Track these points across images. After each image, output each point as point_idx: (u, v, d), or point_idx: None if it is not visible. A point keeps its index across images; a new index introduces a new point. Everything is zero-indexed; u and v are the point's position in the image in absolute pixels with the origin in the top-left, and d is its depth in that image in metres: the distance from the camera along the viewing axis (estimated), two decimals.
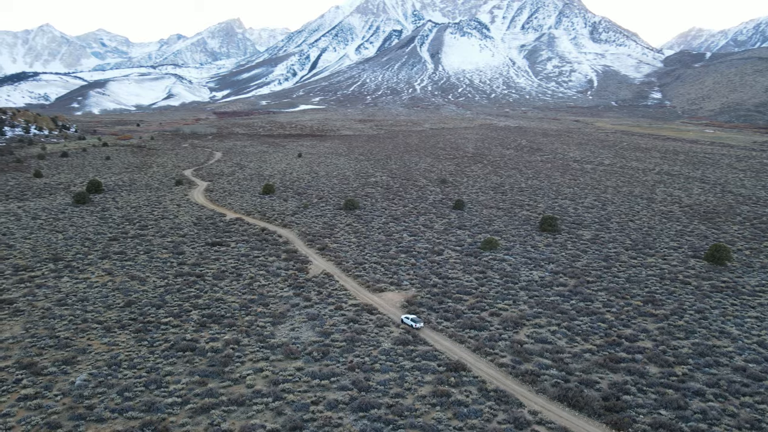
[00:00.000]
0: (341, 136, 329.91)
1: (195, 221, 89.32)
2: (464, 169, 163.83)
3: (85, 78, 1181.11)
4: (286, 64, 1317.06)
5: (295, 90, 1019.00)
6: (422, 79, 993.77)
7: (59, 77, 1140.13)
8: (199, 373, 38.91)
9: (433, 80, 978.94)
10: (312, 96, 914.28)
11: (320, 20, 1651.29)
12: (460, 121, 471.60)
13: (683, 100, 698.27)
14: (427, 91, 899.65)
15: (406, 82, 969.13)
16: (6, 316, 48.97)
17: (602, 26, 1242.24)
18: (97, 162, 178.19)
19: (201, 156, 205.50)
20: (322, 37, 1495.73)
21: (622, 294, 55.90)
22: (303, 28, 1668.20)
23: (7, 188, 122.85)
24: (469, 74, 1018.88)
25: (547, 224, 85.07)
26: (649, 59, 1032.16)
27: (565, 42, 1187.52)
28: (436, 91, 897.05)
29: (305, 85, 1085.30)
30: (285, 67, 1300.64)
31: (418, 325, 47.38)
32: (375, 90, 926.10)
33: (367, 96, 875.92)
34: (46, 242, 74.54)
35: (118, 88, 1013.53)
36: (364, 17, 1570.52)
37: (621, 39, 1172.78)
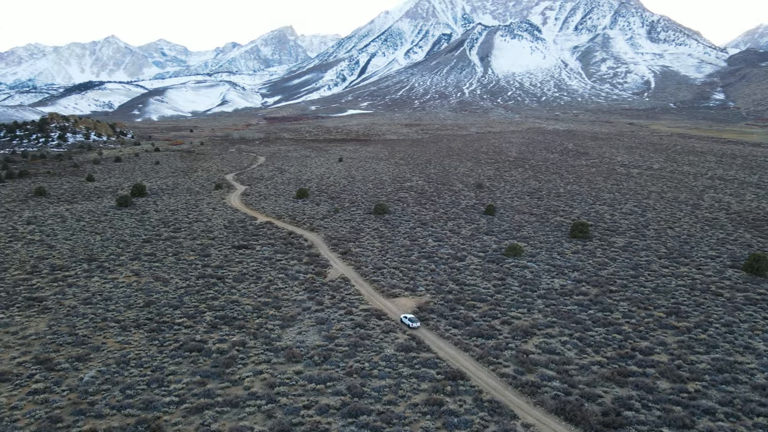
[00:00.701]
0: (385, 141, 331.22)
1: (226, 224, 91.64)
2: (503, 174, 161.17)
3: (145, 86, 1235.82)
4: (336, 70, 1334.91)
5: (343, 95, 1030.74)
6: (471, 82, 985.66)
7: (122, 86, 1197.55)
8: (201, 374, 39.85)
9: (482, 84, 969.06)
10: (360, 101, 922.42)
11: (370, 26, 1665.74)
12: (508, 124, 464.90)
13: (748, 101, 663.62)
14: (476, 94, 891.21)
15: (454, 86, 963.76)
16: (35, 313, 51.69)
17: (661, 25, 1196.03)
18: (146, 166, 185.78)
19: (245, 160, 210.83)
20: (372, 43, 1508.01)
21: (645, 305, 53.47)
22: (353, 33, 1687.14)
23: (60, 191, 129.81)
24: (519, 77, 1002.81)
25: (578, 231, 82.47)
26: (712, 59, 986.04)
27: (620, 42, 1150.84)
28: (485, 94, 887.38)
29: (354, 90, 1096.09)
30: (335, 72, 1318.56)
31: (415, 325, 47.99)
32: (423, 94, 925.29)
33: (414, 100, 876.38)
34: (85, 243, 78.25)
35: (176, 95, 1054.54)
36: (414, 22, 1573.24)
37: (681, 38, 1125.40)
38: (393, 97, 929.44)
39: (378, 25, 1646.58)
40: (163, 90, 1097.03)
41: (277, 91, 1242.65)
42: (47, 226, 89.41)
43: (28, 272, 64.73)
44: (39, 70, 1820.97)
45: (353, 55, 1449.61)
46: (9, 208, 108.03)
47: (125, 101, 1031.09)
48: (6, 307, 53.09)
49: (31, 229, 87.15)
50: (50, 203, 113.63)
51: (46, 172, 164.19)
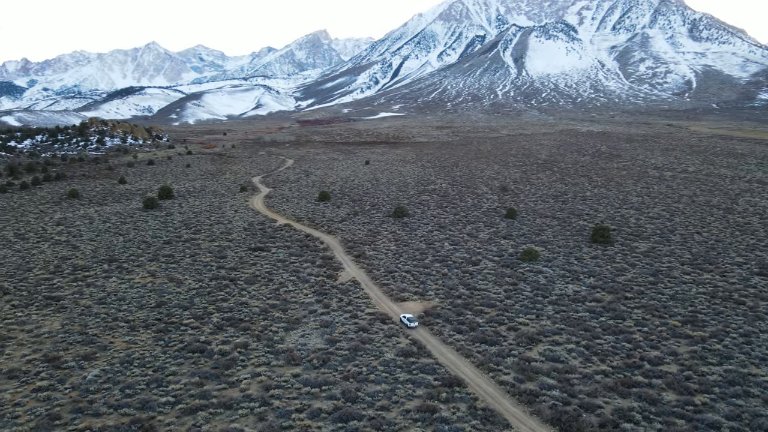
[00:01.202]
0: (414, 143, 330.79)
1: (246, 226, 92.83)
2: (530, 177, 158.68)
3: (183, 91, 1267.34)
4: (369, 73, 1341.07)
5: (376, 98, 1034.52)
6: (504, 84, 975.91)
7: (161, 90, 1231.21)
8: (200, 375, 40.30)
9: (516, 85, 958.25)
10: (392, 103, 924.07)
11: (403, 28, 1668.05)
12: (541, 126, 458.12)
13: None
14: (509, 96, 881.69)
15: (487, 88, 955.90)
16: (51, 312, 53.33)
17: (703, 23, 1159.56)
18: (177, 169, 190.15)
19: (273, 163, 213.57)
20: (405, 45, 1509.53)
21: (661, 312, 51.61)
22: (386, 36, 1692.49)
23: (93, 193, 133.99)
24: (554, 78, 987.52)
25: (599, 235, 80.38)
26: (758, 57, 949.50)
27: (660, 41, 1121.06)
28: (519, 96, 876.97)
29: (386, 92, 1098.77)
30: (367, 75, 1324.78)
31: (413, 325, 48.56)
32: (456, 96, 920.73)
33: (447, 103, 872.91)
34: (108, 244, 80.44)
35: (212, 99, 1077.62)
36: (447, 24, 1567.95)
37: (725, 36, 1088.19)
38: (425, 99, 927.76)
39: (411, 28, 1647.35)
40: (200, 94, 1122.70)
41: (311, 95, 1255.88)
42: (75, 227, 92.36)
43: (51, 272, 66.91)
44: (84, 76, 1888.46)
45: (386, 58, 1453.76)
46: (43, 209, 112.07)
47: (164, 105, 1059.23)
48: (25, 306, 54.96)
49: (59, 230, 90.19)
50: (81, 205, 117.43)
51: (82, 174, 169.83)
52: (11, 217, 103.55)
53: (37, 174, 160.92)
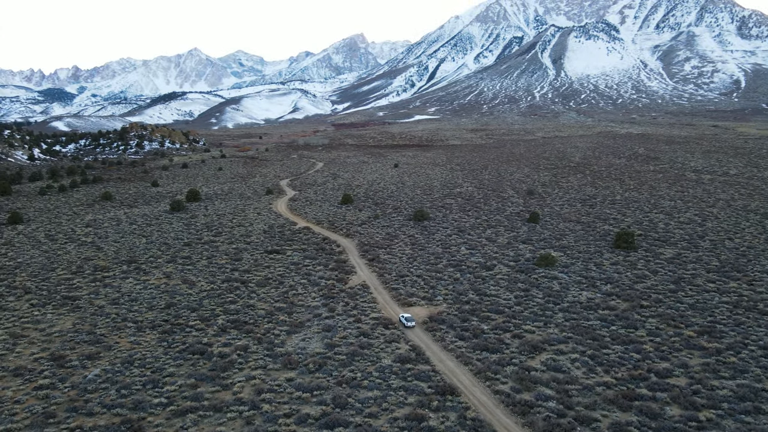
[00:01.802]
0: (447, 146, 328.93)
1: (266, 229, 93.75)
2: (560, 180, 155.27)
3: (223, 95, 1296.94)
4: (405, 76, 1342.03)
5: (412, 101, 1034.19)
6: (542, 86, 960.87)
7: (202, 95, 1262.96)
8: (196, 377, 40.61)
9: (554, 87, 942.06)
10: (428, 106, 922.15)
11: (439, 31, 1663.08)
12: (578, 128, 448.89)
13: None
14: (547, 98, 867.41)
15: (525, 90, 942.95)
16: (66, 312, 54.87)
17: (753, 20, 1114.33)
18: (209, 172, 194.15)
19: (303, 166, 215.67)
20: (441, 48, 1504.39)
21: (677, 322, 49.34)
22: (422, 39, 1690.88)
23: (125, 196, 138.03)
24: (594, 79, 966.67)
25: (622, 240, 77.73)
26: None
27: (706, 40, 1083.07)
28: (557, 98, 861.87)
29: (422, 95, 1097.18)
30: (403, 78, 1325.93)
31: (409, 324, 49.03)
32: (492, 99, 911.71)
33: (483, 105, 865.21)
34: (130, 245, 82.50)
35: (251, 103, 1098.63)
36: (484, 26, 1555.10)
37: None
38: (461, 102, 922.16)
39: (448, 30, 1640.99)
40: (239, 99, 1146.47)
41: (347, 98, 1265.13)
42: (102, 229, 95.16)
43: (72, 272, 68.98)
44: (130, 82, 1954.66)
45: (422, 60, 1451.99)
46: (76, 211, 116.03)
47: (204, 110, 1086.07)
48: (43, 305, 56.74)
49: (87, 232, 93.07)
50: (113, 207, 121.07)
51: (118, 177, 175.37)
52: (45, 218, 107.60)
53: (75, 177, 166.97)
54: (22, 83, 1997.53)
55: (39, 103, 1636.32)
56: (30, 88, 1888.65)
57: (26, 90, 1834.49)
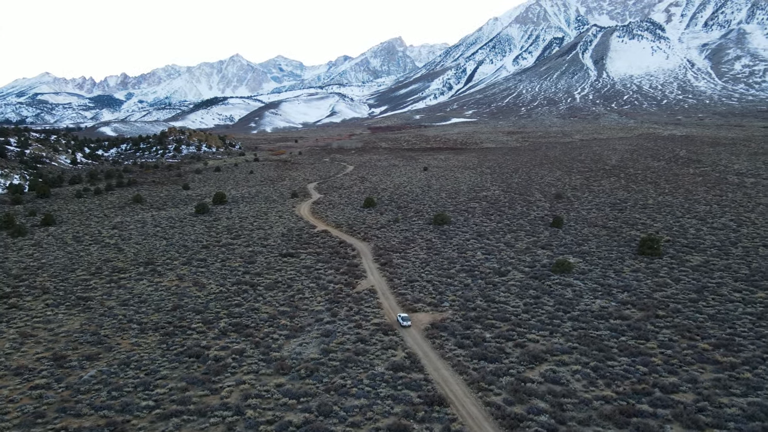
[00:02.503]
0: (481, 149, 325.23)
1: (285, 232, 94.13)
2: (591, 184, 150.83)
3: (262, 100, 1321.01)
4: (443, 79, 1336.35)
5: (449, 104, 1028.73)
6: (583, 87, 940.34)
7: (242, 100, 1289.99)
8: (188, 380, 40.66)
9: (595, 88, 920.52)
10: (465, 109, 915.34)
11: (478, 33, 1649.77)
12: (618, 130, 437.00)
13: None
14: (588, 99, 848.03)
15: (564, 92, 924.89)
16: (77, 312, 56.12)
17: None
18: (240, 176, 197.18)
19: (333, 170, 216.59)
20: (479, 50, 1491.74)
21: (692, 333, 46.64)
22: (460, 42, 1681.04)
23: (156, 199, 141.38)
24: (638, 80, 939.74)
25: (647, 246, 74.47)
26: None
27: (758, 37, 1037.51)
28: (598, 99, 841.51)
29: (460, 98, 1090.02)
30: (441, 81, 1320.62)
31: (405, 324, 49.40)
32: (531, 101, 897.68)
33: (521, 107, 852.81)
34: (150, 247, 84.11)
35: (289, 108, 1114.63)
36: (524, 27, 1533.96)
37: None
38: (499, 104, 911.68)
39: (486, 32, 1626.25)
40: (277, 103, 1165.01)
41: (384, 101, 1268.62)
42: (127, 231, 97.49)
43: (91, 273, 70.70)
44: (174, 88, 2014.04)
45: (460, 63, 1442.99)
46: (107, 213, 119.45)
47: (244, 114, 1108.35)
48: (57, 305, 58.23)
49: (112, 234, 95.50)
50: (142, 209, 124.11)
51: (152, 181, 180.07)
52: (77, 220, 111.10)
53: (111, 180, 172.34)
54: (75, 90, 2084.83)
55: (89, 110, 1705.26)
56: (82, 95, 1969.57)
57: (78, 97, 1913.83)
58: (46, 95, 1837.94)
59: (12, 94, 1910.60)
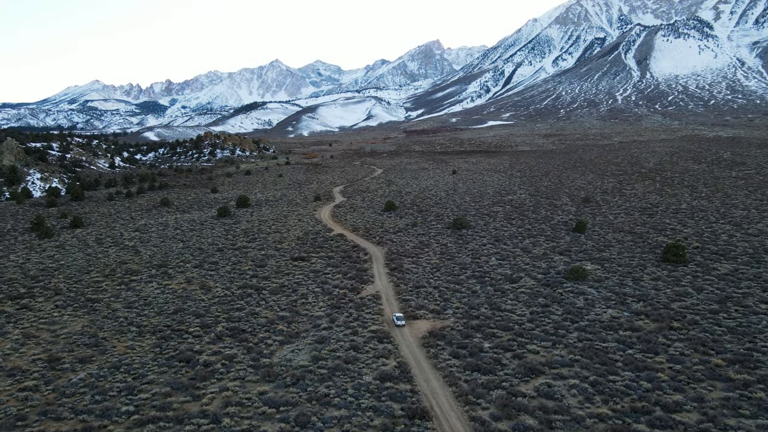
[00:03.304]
0: (514, 152, 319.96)
1: (300, 236, 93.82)
2: (624, 187, 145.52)
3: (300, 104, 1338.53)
4: (480, 81, 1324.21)
5: (486, 106, 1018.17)
6: (625, 88, 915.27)
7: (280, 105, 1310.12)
8: (173, 385, 40.23)
9: (638, 89, 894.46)
10: (502, 112, 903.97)
11: (516, 35, 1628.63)
12: (660, 132, 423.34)
13: None
14: (630, 101, 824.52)
15: (606, 93, 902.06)
16: (82, 314, 56.80)
17: None
18: (269, 179, 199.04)
19: (361, 173, 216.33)
20: (518, 52, 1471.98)
21: (707, 347, 43.52)
22: (498, 44, 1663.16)
23: (183, 202, 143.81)
24: (683, 80, 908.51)
25: (671, 253, 70.66)
26: None
27: None
28: (641, 100, 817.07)
29: (497, 101, 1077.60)
30: (478, 84, 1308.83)
31: (399, 323, 50.48)
32: (570, 103, 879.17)
33: (560, 109, 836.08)
34: (167, 250, 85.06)
35: (326, 112, 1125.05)
36: (564, 28, 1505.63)
37: None
38: (537, 106, 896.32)
39: (525, 34, 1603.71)
40: (315, 107, 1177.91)
41: (421, 105, 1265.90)
42: (148, 233, 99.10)
43: (105, 275, 71.80)
44: (216, 94, 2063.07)
45: (498, 65, 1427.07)
46: (133, 216, 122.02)
47: (282, 119, 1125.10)
48: (65, 307, 59.15)
49: (133, 236, 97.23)
50: (168, 212, 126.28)
51: (183, 184, 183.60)
52: (103, 223, 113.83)
53: (143, 183, 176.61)
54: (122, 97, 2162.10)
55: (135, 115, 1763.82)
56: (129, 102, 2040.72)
57: (125, 103, 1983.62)
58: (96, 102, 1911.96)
59: (64, 101, 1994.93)
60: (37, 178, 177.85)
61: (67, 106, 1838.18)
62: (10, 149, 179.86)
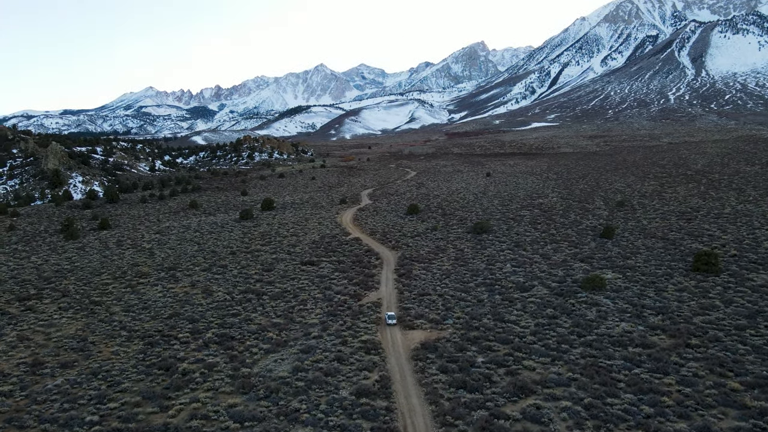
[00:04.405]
0: (555, 154, 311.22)
1: (316, 239, 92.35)
2: (665, 190, 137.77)
3: (344, 108, 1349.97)
4: (525, 82, 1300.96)
5: (531, 108, 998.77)
6: (678, 87, 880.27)
7: (324, 108, 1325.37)
8: (145, 394, 38.96)
9: (692, 88, 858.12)
10: (548, 113, 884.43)
11: (563, 34, 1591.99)
12: (714, 133, 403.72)
13: None
14: (683, 100, 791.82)
15: (657, 92, 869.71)
16: (81, 317, 56.76)
17: None
18: (301, 182, 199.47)
19: (394, 176, 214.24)
20: (565, 52, 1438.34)
21: (725, 369, 39.05)
22: (545, 44, 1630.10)
23: (212, 204, 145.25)
24: (742, 78, 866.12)
25: (702, 262, 65.21)
26: None
27: None
28: (695, 99, 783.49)
29: (542, 102, 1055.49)
30: (523, 85, 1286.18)
31: (390, 322, 50.76)
32: (619, 103, 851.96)
33: (608, 110, 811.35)
34: (180, 253, 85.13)
35: (369, 115, 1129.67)
36: (613, 26, 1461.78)
37: None
38: (584, 107, 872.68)
39: (572, 33, 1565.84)
40: (357, 111, 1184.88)
41: (464, 107, 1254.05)
42: (167, 236, 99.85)
43: (115, 277, 72.13)
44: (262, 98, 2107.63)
45: (544, 66, 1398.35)
46: (160, 218, 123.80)
47: (325, 122, 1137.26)
48: (66, 309, 59.36)
49: (153, 239, 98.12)
50: (194, 215, 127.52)
51: (216, 187, 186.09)
52: (130, 225, 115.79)
53: (178, 186, 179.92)
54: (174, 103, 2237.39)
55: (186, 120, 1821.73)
56: (180, 107, 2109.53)
57: (177, 109, 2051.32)
58: (149, 108, 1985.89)
59: (120, 107, 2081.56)
60: (79, 181, 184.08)
61: (123, 112, 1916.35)
62: (54, 153, 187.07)
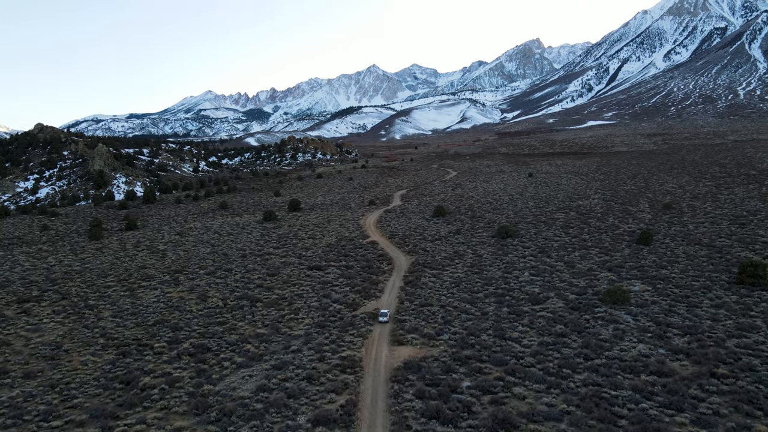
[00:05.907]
0: (608, 154, 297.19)
1: (333, 242, 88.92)
2: (720, 191, 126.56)
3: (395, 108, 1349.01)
4: (581, 80, 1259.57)
5: (587, 106, 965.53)
6: (749, 81, 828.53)
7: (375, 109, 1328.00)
8: (93, 412, 36.12)
9: (765, 82, 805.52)
10: (605, 111, 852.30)
11: (623, 29, 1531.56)
12: None
13: None
14: (754, 95, 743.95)
15: (725, 88, 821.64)
16: (72, 321, 55.30)
17: None
18: (337, 183, 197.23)
19: (433, 176, 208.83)
20: (624, 47, 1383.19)
21: (753, 406, 32.48)
22: (603, 39, 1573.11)
23: (242, 205, 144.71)
24: None
25: (747, 274, 57.31)
26: None
27: None
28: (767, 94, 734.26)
29: (600, 99, 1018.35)
30: (580, 82, 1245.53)
31: (382, 319, 50.23)
32: (683, 99, 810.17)
33: (671, 107, 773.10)
34: (191, 255, 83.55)
35: (419, 115, 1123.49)
36: (678, 19, 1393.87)
37: None
38: (644, 105, 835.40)
39: (633, 28, 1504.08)
40: (408, 111, 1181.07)
41: (517, 106, 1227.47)
42: (186, 237, 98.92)
43: (118, 280, 70.97)
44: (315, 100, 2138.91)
45: (602, 62, 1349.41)
46: (188, 219, 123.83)
47: (376, 122, 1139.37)
48: (59, 313, 58.11)
49: (171, 240, 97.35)
50: (221, 216, 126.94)
51: (252, 187, 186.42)
52: (156, 226, 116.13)
53: (214, 187, 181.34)
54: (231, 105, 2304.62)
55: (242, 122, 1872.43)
56: (236, 110, 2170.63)
57: (233, 111, 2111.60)
58: (208, 111, 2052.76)
59: (181, 110, 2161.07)
60: (122, 182, 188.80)
61: (183, 115, 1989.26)
62: (100, 155, 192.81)
